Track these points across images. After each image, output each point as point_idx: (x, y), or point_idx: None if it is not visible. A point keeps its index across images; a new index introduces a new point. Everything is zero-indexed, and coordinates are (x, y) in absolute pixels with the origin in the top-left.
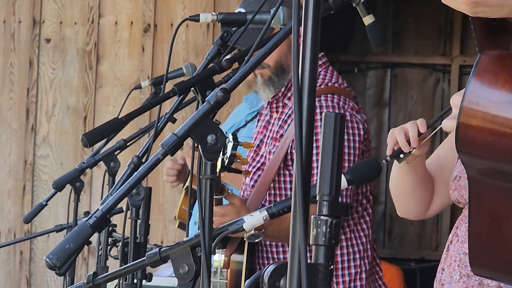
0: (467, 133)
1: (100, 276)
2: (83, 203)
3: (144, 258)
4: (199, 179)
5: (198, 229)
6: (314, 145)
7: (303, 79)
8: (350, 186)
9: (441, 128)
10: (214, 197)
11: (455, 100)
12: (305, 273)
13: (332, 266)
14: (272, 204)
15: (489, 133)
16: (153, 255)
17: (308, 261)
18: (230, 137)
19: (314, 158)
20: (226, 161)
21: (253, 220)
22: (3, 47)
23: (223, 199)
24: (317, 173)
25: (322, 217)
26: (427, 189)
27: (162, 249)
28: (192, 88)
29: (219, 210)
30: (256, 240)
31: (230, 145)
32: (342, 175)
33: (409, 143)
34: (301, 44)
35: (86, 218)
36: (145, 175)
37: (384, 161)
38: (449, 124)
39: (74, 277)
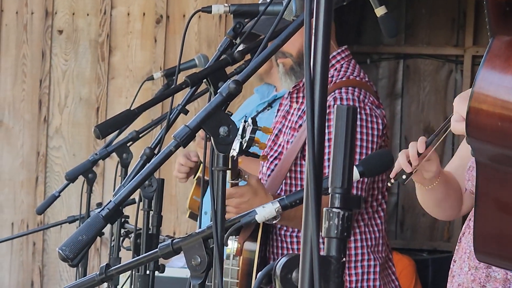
0: (477, 118)
1: (112, 268)
2: (96, 194)
3: (157, 249)
4: (211, 171)
5: (210, 220)
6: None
7: (315, 71)
8: (365, 180)
9: (441, 141)
10: (231, 181)
11: (456, 106)
12: (317, 265)
13: (344, 259)
14: (284, 196)
15: (499, 118)
16: (165, 246)
17: (320, 253)
18: (250, 121)
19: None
20: (245, 145)
21: (266, 212)
22: (16, 38)
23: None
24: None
25: (334, 210)
26: (453, 200)
27: (174, 241)
28: (205, 80)
29: (237, 191)
30: (274, 222)
31: (249, 129)
32: (355, 167)
33: (411, 164)
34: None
35: (99, 210)
36: (158, 167)
37: (388, 183)
38: (457, 127)
39: (86, 268)
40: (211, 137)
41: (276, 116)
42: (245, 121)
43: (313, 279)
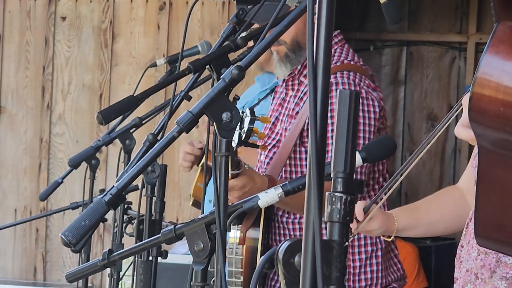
0: (479, 103)
1: (115, 253)
2: (99, 181)
3: (159, 235)
4: (214, 156)
5: (213, 207)
6: (329, 121)
7: (317, 57)
8: (365, 164)
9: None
10: (231, 172)
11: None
12: (319, 250)
13: (346, 243)
14: (287, 181)
15: (501, 104)
16: (168, 232)
17: (323, 238)
18: (247, 111)
19: (329, 134)
20: (243, 136)
21: (268, 197)
22: (19, 25)
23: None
24: (332, 149)
25: (336, 194)
26: (453, 215)
27: (177, 226)
28: (207, 66)
29: (237, 183)
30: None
31: (247, 120)
32: (357, 152)
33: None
34: (316, 22)
35: (102, 196)
36: (160, 153)
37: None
38: (461, 132)
39: (89, 254)
40: (214, 123)
41: (271, 104)
42: (243, 112)
43: (315, 263)
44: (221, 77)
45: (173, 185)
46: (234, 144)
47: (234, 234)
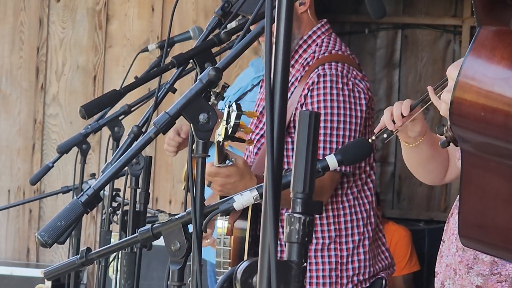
0: (461, 107)
1: (93, 252)
2: (92, 163)
3: (137, 234)
4: (191, 157)
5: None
6: (322, 118)
7: (275, 81)
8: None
9: (430, 104)
10: (218, 165)
11: (451, 73)
12: (275, 271)
13: (305, 264)
14: (262, 183)
15: (482, 108)
16: (145, 231)
17: (282, 258)
18: (234, 106)
19: (322, 131)
20: (230, 130)
21: (243, 199)
22: (13, 6)
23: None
24: (324, 147)
25: (295, 215)
26: (438, 163)
27: (154, 226)
28: (191, 60)
29: (224, 171)
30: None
31: (233, 115)
32: (333, 155)
33: (394, 122)
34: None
35: (78, 196)
36: (137, 154)
37: (369, 139)
38: (447, 97)
39: (80, 238)
40: (191, 124)
41: (259, 93)
42: (229, 106)
43: (271, 284)
44: (198, 78)
45: (166, 168)
46: (220, 139)
47: (222, 225)
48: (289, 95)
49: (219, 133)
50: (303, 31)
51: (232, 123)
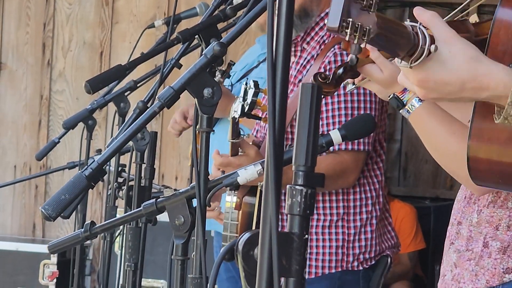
0: (477, 165)
1: (97, 226)
2: (99, 138)
3: (141, 208)
4: (195, 132)
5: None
6: (342, 99)
7: (277, 52)
8: (371, 134)
9: None
10: (231, 141)
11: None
12: (276, 243)
13: (306, 236)
14: None
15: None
16: (149, 205)
17: (284, 230)
18: (251, 83)
19: (343, 112)
20: (246, 108)
21: (247, 174)
22: None
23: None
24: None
25: (297, 187)
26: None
27: (158, 200)
28: (196, 36)
29: (235, 161)
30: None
31: (250, 92)
32: (337, 130)
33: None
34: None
35: (82, 170)
36: (141, 128)
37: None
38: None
39: (86, 213)
40: (195, 99)
41: None
42: (246, 84)
43: (272, 256)
44: (203, 52)
45: (172, 144)
46: (236, 115)
47: (230, 199)
48: (304, 72)
49: (235, 110)
50: (321, 8)
51: (249, 100)
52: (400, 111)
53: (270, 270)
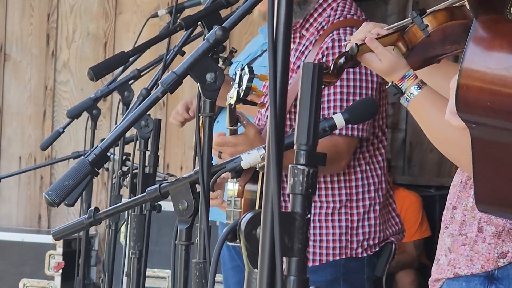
0: (467, 93)
1: (101, 212)
2: (103, 129)
3: (145, 193)
4: (198, 117)
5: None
6: (338, 83)
7: (277, 34)
8: (367, 121)
9: None
10: (229, 128)
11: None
12: (278, 222)
13: (308, 215)
14: None
15: (489, 94)
16: (153, 191)
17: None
18: (246, 69)
19: (339, 96)
20: (242, 93)
21: (250, 158)
22: None
23: (239, 128)
24: (341, 107)
25: (299, 166)
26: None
27: (162, 185)
28: (199, 22)
29: (231, 139)
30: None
31: (246, 78)
32: (340, 114)
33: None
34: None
35: (85, 155)
36: (144, 113)
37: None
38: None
39: (91, 203)
40: (198, 83)
41: None
42: (241, 70)
43: (274, 235)
44: (205, 38)
45: (177, 134)
46: (232, 102)
47: (232, 187)
48: (302, 58)
49: (231, 96)
50: None
51: (244, 86)
52: (400, 100)
53: (272, 249)
